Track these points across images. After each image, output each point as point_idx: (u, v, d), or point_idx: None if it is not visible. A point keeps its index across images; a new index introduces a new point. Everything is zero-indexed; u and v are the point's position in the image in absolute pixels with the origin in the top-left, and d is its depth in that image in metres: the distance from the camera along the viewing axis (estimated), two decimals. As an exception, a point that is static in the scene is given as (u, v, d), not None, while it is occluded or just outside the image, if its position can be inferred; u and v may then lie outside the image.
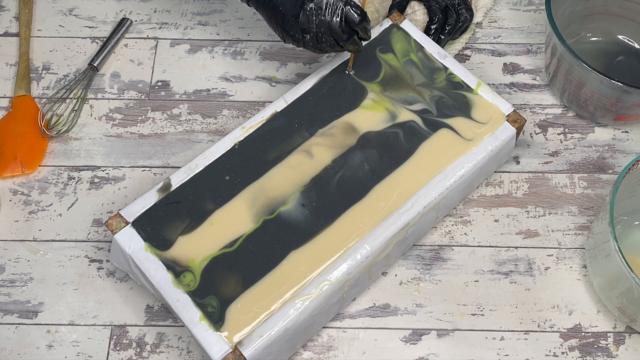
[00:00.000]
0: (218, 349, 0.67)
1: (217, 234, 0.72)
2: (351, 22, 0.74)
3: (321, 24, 0.73)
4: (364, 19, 0.74)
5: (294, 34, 0.75)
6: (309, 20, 0.73)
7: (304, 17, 0.73)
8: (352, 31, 0.75)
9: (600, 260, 0.73)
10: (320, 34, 0.74)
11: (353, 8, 0.74)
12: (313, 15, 0.73)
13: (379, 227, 0.73)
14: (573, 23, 0.90)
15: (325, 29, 0.74)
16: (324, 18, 0.73)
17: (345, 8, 0.74)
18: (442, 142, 0.77)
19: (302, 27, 0.74)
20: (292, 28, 0.75)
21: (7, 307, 0.78)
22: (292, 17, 0.74)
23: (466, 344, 0.76)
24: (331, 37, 0.75)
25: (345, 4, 0.74)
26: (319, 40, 0.75)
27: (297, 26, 0.74)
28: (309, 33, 0.74)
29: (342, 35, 0.74)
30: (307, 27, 0.74)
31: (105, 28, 0.96)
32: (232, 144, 0.78)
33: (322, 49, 0.76)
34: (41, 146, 0.87)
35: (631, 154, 0.87)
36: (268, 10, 0.76)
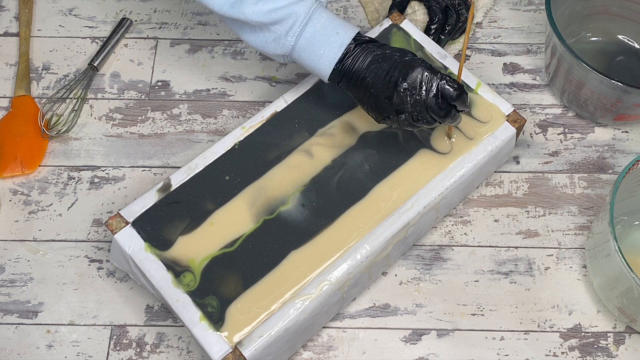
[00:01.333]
0: (218, 349, 0.67)
1: (217, 234, 0.72)
2: (448, 97, 0.69)
3: (416, 103, 0.69)
4: (461, 93, 0.69)
5: (387, 115, 0.71)
6: (403, 101, 0.69)
7: (398, 99, 0.69)
8: (449, 106, 0.70)
9: (600, 260, 0.73)
10: (415, 112, 0.69)
11: (449, 83, 0.69)
12: (407, 96, 0.69)
13: (379, 227, 0.73)
14: (573, 23, 0.90)
15: (422, 108, 0.69)
16: (419, 97, 0.69)
17: (441, 83, 0.69)
18: (443, 142, 0.77)
19: (396, 109, 0.70)
20: (386, 110, 0.70)
21: (7, 307, 0.78)
22: (386, 100, 0.70)
23: (466, 344, 0.76)
24: (428, 114, 0.70)
25: (441, 79, 0.69)
26: (415, 119, 0.70)
27: (391, 108, 0.70)
28: (404, 113, 0.70)
29: (439, 112, 0.69)
30: (401, 107, 0.69)
31: (105, 28, 0.96)
32: (232, 144, 0.78)
33: (417, 126, 0.71)
34: (41, 146, 0.87)
35: (631, 154, 0.87)
36: (360, 91, 0.71)
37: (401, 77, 0.69)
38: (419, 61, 0.70)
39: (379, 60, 0.70)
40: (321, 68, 0.71)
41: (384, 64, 0.70)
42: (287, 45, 0.71)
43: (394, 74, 0.69)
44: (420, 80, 0.69)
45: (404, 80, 0.69)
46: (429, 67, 0.70)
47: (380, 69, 0.70)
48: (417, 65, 0.69)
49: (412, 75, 0.69)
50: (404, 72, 0.69)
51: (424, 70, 0.69)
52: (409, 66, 0.69)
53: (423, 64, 0.70)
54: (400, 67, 0.69)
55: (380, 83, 0.70)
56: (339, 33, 0.71)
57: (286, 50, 0.72)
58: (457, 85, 0.69)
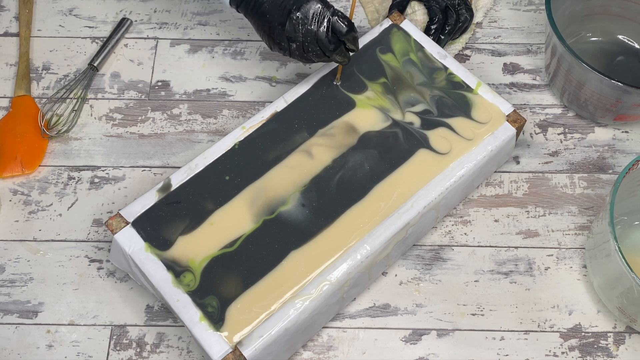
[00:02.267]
0: (218, 349, 0.67)
1: (217, 234, 0.72)
2: (338, 32, 0.73)
3: (307, 33, 0.73)
4: (351, 29, 0.73)
5: (280, 42, 0.74)
6: (295, 30, 0.73)
7: (290, 26, 0.73)
8: (339, 42, 0.74)
9: (600, 260, 0.73)
10: (306, 43, 0.73)
11: (340, 19, 0.73)
12: (299, 24, 0.72)
13: (379, 227, 0.73)
14: (573, 23, 0.90)
15: (312, 39, 0.73)
16: (310, 27, 0.72)
17: (333, 18, 0.73)
18: (443, 142, 0.77)
19: (288, 36, 0.73)
20: (279, 36, 0.74)
21: (7, 307, 0.78)
22: (279, 26, 0.73)
23: (466, 344, 0.76)
24: (318, 47, 0.74)
25: (333, 14, 0.73)
26: (305, 50, 0.74)
27: (283, 35, 0.73)
28: (295, 42, 0.74)
29: (328, 46, 0.74)
30: (293, 35, 0.73)
31: (105, 28, 0.96)
32: (232, 144, 0.78)
33: (308, 58, 0.75)
34: (41, 146, 0.87)
35: (631, 154, 0.87)
36: (256, 17, 0.75)
37: (296, 5, 0.72)
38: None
39: None
40: None
41: None
42: None
43: (289, 2, 0.73)
44: (313, 12, 0.72)
45: (298, 9, 0.72)
46: (324, 1, 0.73)
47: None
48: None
49: (306, 6, 0.72)
50: (299, 1, 0.72)
51: (318, 2, 0.73)
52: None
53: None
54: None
55: (275, 9, 0.73)
56: None
57: None
58: (347, 22, 0.73)
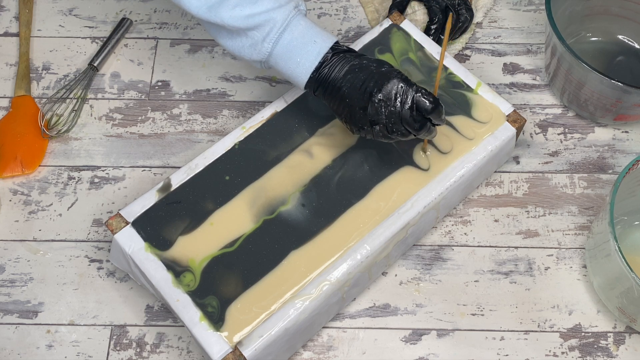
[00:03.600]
0: (218, 349, 0.67)
1: (217, 234, 0.72)
2: (423, 110, 0.68)
3: (391, 114, 0.68)
4: (437, 106, 0.69)
5: (362, 126, 0.70)
6: (377, 112, 0.68)
7: (373, 110, 0.68)
8: (425, 119, 0.70)
9: (600, 260, 0.73)
10: (390, 124, 0.69)
11: (425, 96, 0.68)
12: (382, 107, 0.68)
13: (379, 227, 0.73)
14: (573, 23, 0.90)
15: (396, 119, 0.69)
16: (393, 109, 0.68)
17: (417, 96, 0.68)
18: (445, 140, 0.77)
19: (371, 120, 0.69)
20: (361, 121, 0.70)
21: (7, 307, 0.78)
22: (360, 110, 0.69)
23: (466, 344, 0.76)
24: (402, 126, 0.69)
25: (417, 92, 0.68)
26: (390, 131, 0.69)
27: (365, 118, 0.69)
28: (379, 124, 0.69)
29: (414, 125, 0.69)
30: (376, 118, 0.69)
31: (105, 28, 0.96)
32: (232, 144, 0.78)
33: (392, 138, 0.71)
34: (41, 146, 0.87)
35: (631, 154, 0.87)
36: (335, 101, 0.71)
37: (376, 87, 0.68)
38: (395, 72, 0.69)
39: (356, 70, 0.69)
40: (298, 76, 0.71)
41: (360, 74, 0.69)
42: (263, 52, 0.70)
43: (369, 84, 0.68)
44: (395, 92, 0.68)
45: (379, 91, 0.68)
46: (405, 79, 0.69)
47: (356, 78, 0.69)
48: (393, 76, 0.69)
49: (387, 87, 0.68)
50: (380, 82, 0.68)
51: (400, 81, 0.68)
52: (384, 77, 0.69)
53: (399, 75, 0.69)
54: (376, 78, 0.69)
55: (355, 93, 0.69)
56: (316, 42, 0.70)
57: (263, 57, 0.71)
58: (432, 99, 0.68)
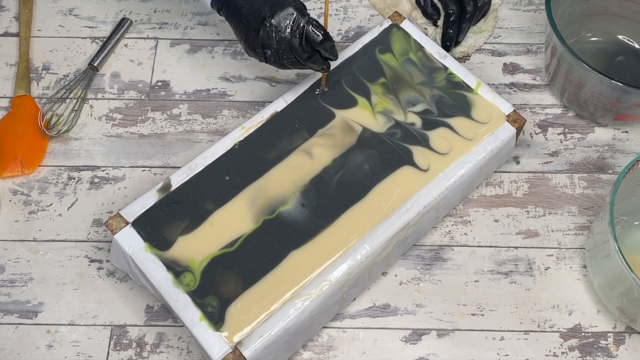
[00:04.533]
0: (218, 349, 0.67)
1: (217, 234, 0.72)
2: (312, 41, 0.72)
3: (281, 40, 0.71)
4: (325, 39, 0.72)
5: (254, 48, 0.73)
6: (269, 37, 0.71)
7: (264, 33, 0.71)
8: (314, 50, 0.73)
9: (600, 260, 0.73)
10: (280, 50, 0.72)
11: (315, 28, 0.71)
12: (273, 32, 0.71)
13: (379, 227, 0.73)
14: (573, 23, 0.90)
15: (286, 46, 0.72)
16: (284, 36, 0.71)
17: (307, 27, 0.71)
18: (443, 142, 0.77)
19: (262, 43, 0.72)
20: (253, 43, 0.73)
21: (7, 307, 0.78)
22: (254, 32, 0.72)
23: (466, 344, 0.76)
24: (292, 54, 0.72)
25: (308, 23, 0.71)
26: (280, 57, 0.73)
27: (257, 41, 0.72)
28: (270, 49, 0.72)
29: (302, 54, 0.72)
30: (267, 42, 0.72)
31: (105, 28, 0.96)
32: (232, 144, 0.78)
33: (284, 65, 0.74)
34: (41, 146, 0.87)
35: (631, 154, 0.87)
36: (234, 22, 0.74)
37: (270, 12, 0.71)
38: (291, 1, 0.71)
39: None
40: None
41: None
42: None
43: (264, 8, 0.71)
44: (287, 20, 0.71)
45: (272, 16, 0.70)
46: (299, 9, 0.71)
47: (255, 2, 0.72)
48: (288, 4, 0.71)
49: (280, 13, 0.71)
50: (274, 8, 0.71)
51: (294, 10, 0.71)
52: (279, 4, 0.71)
53: (294, 4, 0.71)
54: (272, 3, 0.71)
55: (252, 15, 0.71)
56: None
57: None
58: (322, 31, 0.71)
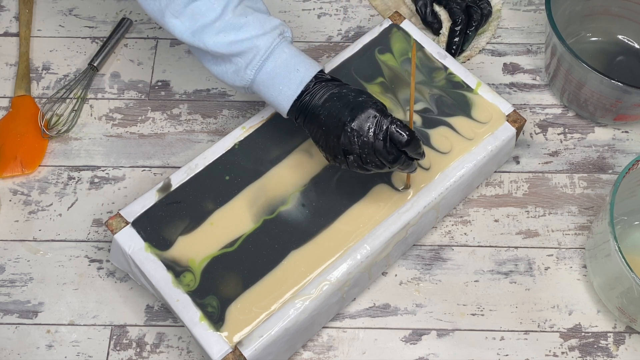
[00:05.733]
0: (218, 349, 0.67)
1: (217, 234, 0.72)
2: (397, 143, 0.66)
3: (364, 145, 0.67)
4: (411, 139, 0.66)
5: (336, 155, 0.69)
6: (350, 142, 0.67)
7: (346, 139, 0.67)
8: (399, 152, 0.67)
9: (600, 260, 0.73)
10: (364, 155, 0.67)
11: (399, 128, 0.66)
12: (355, 137, 0.66)
13: (379, 227, 0.73)
14: (573, 23, 0.90)
15: (370, 150, 0.67)
16: (366, 139, 0.66)
17: (391, 128, 0.66)
18: (444, 141, 0.77)
19: (344, 149, 0.68)
20: (335, 149, 0.68)
21: (7, 307, 0.78)
22: (335, 138, 0.68)
23: (466, 344, 0.76)
24: (376, 158, 0.67)
25: (391, 123, 0.66)
26: (364, 162, 0.68)
27: (339, 147, 0.68)
28: (353, 154, 0.67)
29: (387, 157, 0.67)
30: (349, 148, 0.67)
31: (105, 28, 0.96)
32: (232, 144, 0.78)
33: (368, 169, 0.69)
34: (41, 146, 0.87)
35: (631, 154, 0.87)
36: (313, 129, 0.70)
37: (350, 117, 0.67)
38: (372, 103, 0.68)
39: (334, 99, 0.68)
40: (280, 103, 0.70)
41: (338, 103, 0.68)
42: (246, 79, 0.70)
43: (344, 113, 0.67)
44: (369, 123, 0.66)
45: (353, 120, 0.67)
46: (381, 110, 0.67)
47: (334, 107, 0.68)
48: (368, 106, 0.67)
49: (361, 117, 0.67)
50: (354, 112, 0.67)
51: (375, 112, 0.67)
52: (360, 107, 0.67)
53: (374, 106, 0.67)
54: (351, 107, 0.67)
55: (331, 121, 0.68)
56: (299, 70, 0.69)
57: (245, 83, 0.71)
58: (407, 132, 0.66)
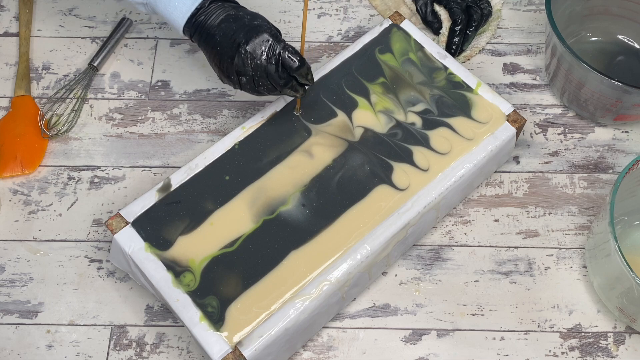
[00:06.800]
0: (218, 349, 0.67)
1: (217, 234, 0.72)
2: (288, 68, 0.71)
3: (257, 68, 0.70)
4: (302, 65, 0.71)
5: (229, 75, 0.72)
6: (244, 64, 0.70)
7: (239, 60, 0.70)
8: (290, 77, 0.72)
9: (600, 260, 0.73)
10: (256, 77, 0.71)
11: (290, 54, 0.70)
12: (248, 59, 0.70)
13: (379, 227, 0.73)
14: (573, 23, 0.90)
15: (262, 73, 0.70)
16: (259, 62, 0.70)
17: (283, 54, 0.70)
18: (443, 142, 0.77)
19: (237, 70, 0.70)
20: (228, 70, 0.71)
21: (7, 307, 0.78)
22: (228, 59, 0.70)
23: (466, 344, 0.76)
24: (268, 81, 0.71)
25: (283, 49, 0.70)
26: (256, 84, 0.71)
27: (232, 68, 0.71)
28: (245, 76, 0.71)
29: (278, 81, 0.71)
30: (242, 70, 0.70)
31: (105, 28, 0.96)
32: (232, 144, 0.78)
33: (259, 92, 0.73)
34: (41, 146, 0.87)
35: (631, 154, 0.87)
36: (208, 48, 0.72)
37: (245, 39, 0.69)
38: (266, 27, 0.70)
39: (230, 20, 0.71)
40: (175, 20, 0.72)
41: (233, 25, 0.70)
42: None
43: (239, 35, 0.70)
44: (262, 46, 0.69)
45: (247, 43, 0.69)
46: (274, 35, 0.70)
47: (229, 28, 0.70)
48: (263, 30, 0.70)
49: (255, 40, 0.69)
50: (249, 35, 0.70)
51: (269, 36, 0.70)
52: (254, 30, 0.70)
53: (269, 30, 0.70)
54: (247, 30, 0.70)
55: (226, 42, 0.70)
56: None
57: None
58: (298, 57, 0.70)
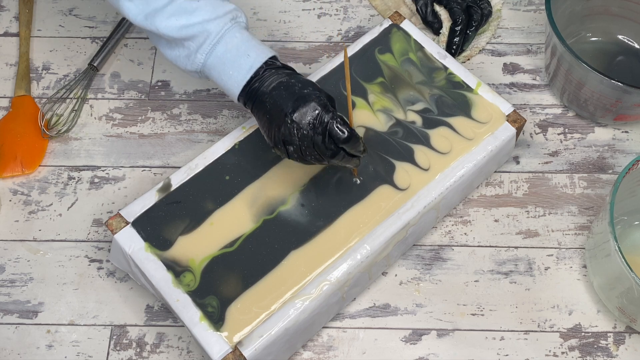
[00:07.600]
0: (218, 349, 0.67)
1: (217, 234, 0.72)
2: (336, 139, 0.67)
3: (304, 137, 0.67)
4: (350, 137, 0.67)
5: (276, 144, 0.69)
6: (290, 133, 0.67)
7: (286, 130, 0.67)
8: (338, 148, 0.68)
9: (600, 260, 0.73)
10: (303, 147, 0.67)
11: (339, 124, 0.66)
12: (294, 129, 0.67)
13: (379, 227, 0.73)
14: (573, 23, 0.90)
15: (309, 143, 0.67)
16: (306, 133, 0.67)
17: (330, 123, 0.67)
18: (443, 141, 0.77)
19: (284, 139, 0.68)
20: (275, 138, 0.68)
21: (7, 307, 0.78)
22: (276, 127, 0.68)
23: (466, 344, 0.76)
24: (315, 151, 0.68)
25: (332, 119, 0.67)
26: (303, 154, 0.68)
27: (279, 137, 0.68)
28: (292, 145, 0.68)
29: (326, 152, 0.67)
30: (289, 139, 0.67)
31: (105, 28, 0.96)
32: (232, 144, 0.78)
33: (307, 161, 0.69)
34: (41, 146, 0.87)
35: (631, 154, 0.87)
36: (259, 115, 0.70)
37: (292, 108, 0.67)
38: (315, 96, 0.67)
39: (281, 88, 0.68)
40: (230, 88, 0.71)
41: (284, 92, 0.68)
42: (197, 63, 0.70)
43: (287, 103, 0.67)
44: (309, 116, 0.66)
45: (294, 112, 0.67)
46: (323, 104, 0.67)
47: (279, 96, 0.68)
48: (311, 99, 0.67)
49: (302, 109, 0.67)
50: (297, 104, 0.67)
51: (317, 105, 0.67)
52: (303, 99, 0.67)
53: (318, 99, 0.67)
54: (295, 99, 0.67)
55: (274, 110, 0.68)
56: (250, 55, 0.69)
57: (197, 67, 0.71)
58: (347, 129, 0.66)
